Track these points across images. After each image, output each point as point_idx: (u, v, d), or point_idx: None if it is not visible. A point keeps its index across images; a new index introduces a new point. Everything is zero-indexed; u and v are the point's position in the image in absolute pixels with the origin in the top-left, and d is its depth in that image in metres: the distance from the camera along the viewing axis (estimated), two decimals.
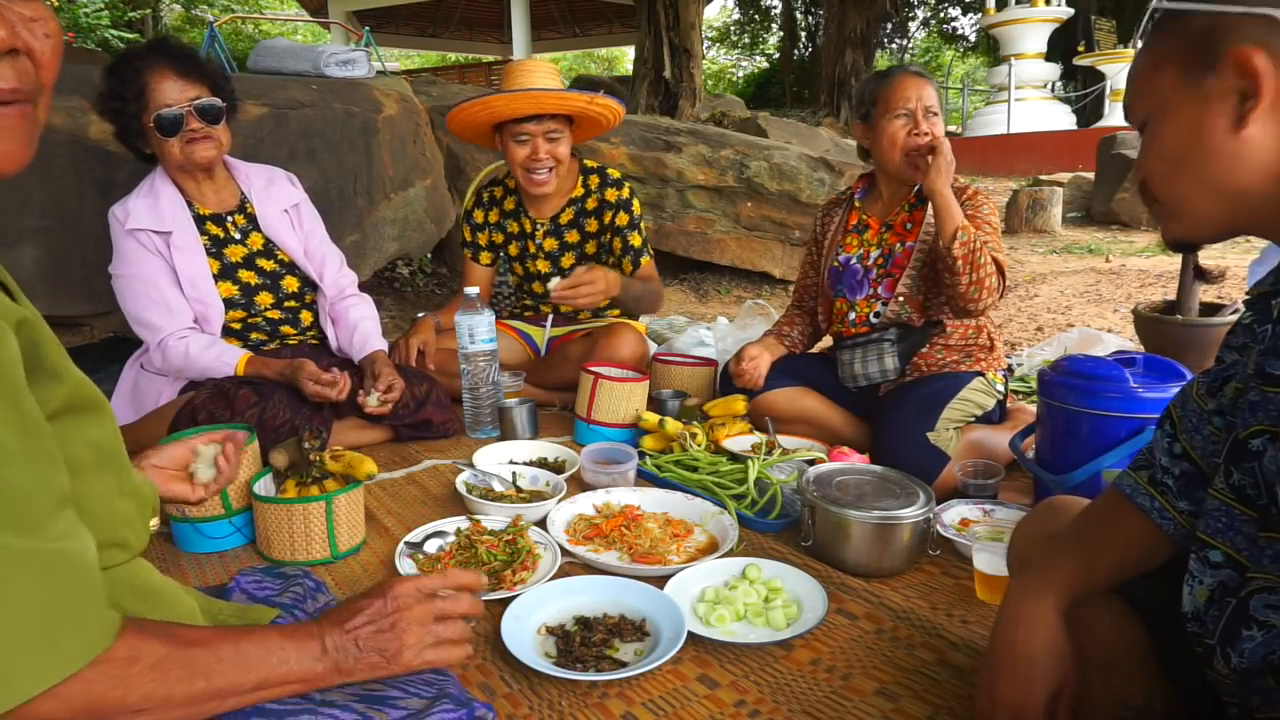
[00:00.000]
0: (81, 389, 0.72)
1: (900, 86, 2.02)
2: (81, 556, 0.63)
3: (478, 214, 2.73)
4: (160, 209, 2.08)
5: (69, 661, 0.60)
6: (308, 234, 2.32)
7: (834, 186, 4.71)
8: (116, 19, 11.54)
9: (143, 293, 2.06)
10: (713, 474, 1.95)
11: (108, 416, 0.76)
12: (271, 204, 2.25)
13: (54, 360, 0.68)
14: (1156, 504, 0.95)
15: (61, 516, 0.63)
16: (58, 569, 0.60)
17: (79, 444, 0.71)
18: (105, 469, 0.75)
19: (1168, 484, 0.95)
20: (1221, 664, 0.79)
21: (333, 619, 0.82)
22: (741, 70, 24.69)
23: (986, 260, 1.91)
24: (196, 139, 2.02)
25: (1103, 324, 3.98)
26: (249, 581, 1.10)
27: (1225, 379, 0.90)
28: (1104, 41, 12.91)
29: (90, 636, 0.62)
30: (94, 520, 0.67)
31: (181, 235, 2.09)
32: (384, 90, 3.60)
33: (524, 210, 2.66)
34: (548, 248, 2.64)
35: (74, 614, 0.61)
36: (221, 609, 0.95)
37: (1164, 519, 0.94)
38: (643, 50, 10.75)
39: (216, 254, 2.16)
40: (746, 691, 1.21)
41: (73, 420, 0.70)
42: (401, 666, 0.83)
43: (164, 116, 1.97)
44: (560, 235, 2.63)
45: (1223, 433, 0.89)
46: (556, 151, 2.44)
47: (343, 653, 0.80)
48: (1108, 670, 0.94)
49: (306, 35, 20.53)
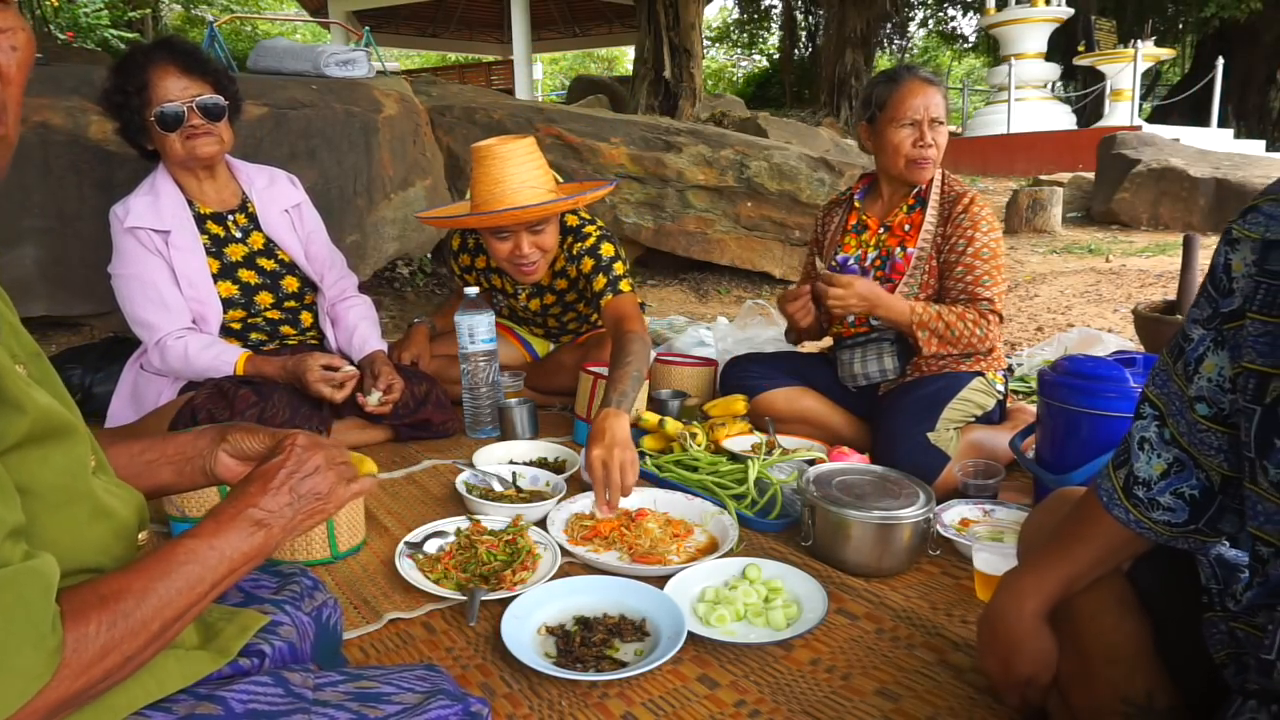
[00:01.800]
0: (49, 417, 0.69)
1: (909, 94, 2.00)
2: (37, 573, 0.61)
3: (464, 258, 2.58)
4: (160, 207, 2.08)
5: (36, 679, 0.59)
6: (309, 235, 2.32)
7: (834, 186, 4.70)
8: (116, 19, 11.53)
9: (141, 292, 2.06)
10: (713, 474, 1.95)
11: (80, 440, 0.74)
12: (272, 204, 2.25)
13: (13, 391, 0.65)
14: (1132, 516, 0.94)
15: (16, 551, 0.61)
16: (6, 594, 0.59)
17: (45, 473, 0.69)
18: (76, 499, 0.73)
19: (1139, 495, 0.93)
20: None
21: (251, 489, 0.81)
22: (741, 70, 24.69)
23: (953, 320, 1.95)
24: (197, 134, 2.03)
25: (1103, 324, 3.98)
26: (245, 579, 1.10)
27: (1199, 359, 0.85)
28: (1104, 41, 12.92)
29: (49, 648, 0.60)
30: (61, 550, 0.65)
31: (181, 234, 2.09)
32: (384, 90, 3.60)
33: (505, 274, 2.47)
34: (533, 308, 2.58)
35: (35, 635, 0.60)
36: (210, 611, 0.93)
37: (1140, 529, 0.93)
38: (643, 50, 10.75)
39: (216, 253, 2.15)
40: (746, 691, 1.21)
41: (36, 451, 0.68)
42: (336, 502, 0.85)
43: (165, 111, 1.98)
44: (542, 295, 2.53)
45: (1210, 420, 0.85)
46: (543, 243, 2.23)
47: (279, 512, 0.80)
48: (1110, 665, 0.94)
49: (306, 35, 20.54)
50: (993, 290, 1.98)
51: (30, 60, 0.69)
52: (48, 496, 0.69)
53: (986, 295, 1.97)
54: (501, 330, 2.68)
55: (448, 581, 1.49)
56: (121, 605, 0.67)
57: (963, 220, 2.02)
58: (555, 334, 2.75)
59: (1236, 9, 12.81)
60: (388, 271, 4.59)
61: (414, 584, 1.49)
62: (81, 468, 0.75)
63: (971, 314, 1.96)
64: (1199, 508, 0.89)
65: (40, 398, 0.69)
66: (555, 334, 2.75)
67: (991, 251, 2.00)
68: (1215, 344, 0.84)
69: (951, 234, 2.03)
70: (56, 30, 9.60)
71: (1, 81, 0.66)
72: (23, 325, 0.77)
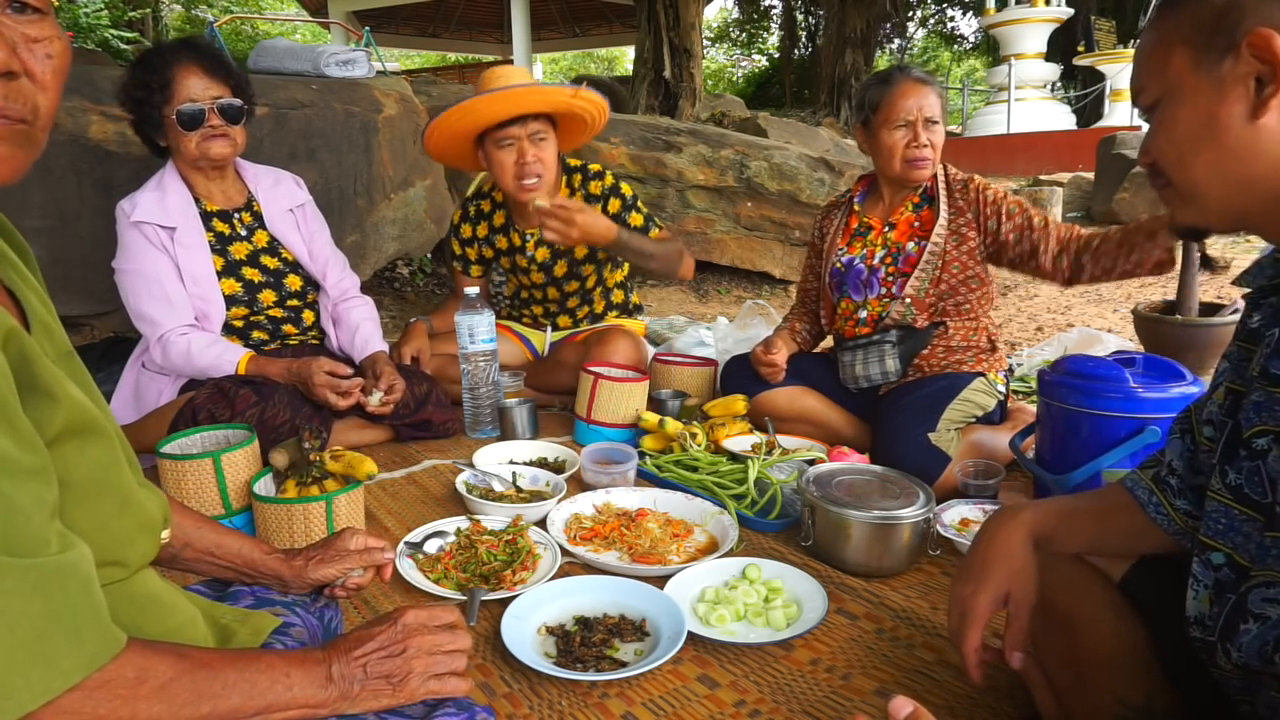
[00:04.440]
0: (83, 411, 0.71)
1: (901, 96, 1.98)
2: (77, 569, 0.62)
3: (465, 228, 2.67)
4: (167, 204, 2.09)
5: (65, 677, 0.59)
6: (311, 235, 2.32)
7: (834, 186, 4.71)
8: (116, 19, 11.54)
9: (145, 287, 2.07)
10: (713, 474, 1.95)
11: (109, 436, 0.75)
12: (277, 203, 2.27)
13: (46, 379, 0.66)
14: (1154, 498, 0.96)
15: (53, 529, 0.62)
16: (53, 584, 0.60)
17: (81, 465, 0.70)
18: (107, 491, 0.74)
19: (1170, 483, 0.95)
20: (1224, 659, 0.79)
21: (341, 647, 0.82)
22: (741, 70, 24.68)
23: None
24: (214, 136, 2.05)
25: (1103, 324, 3.98)
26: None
27: (1215, 386, 0.90)
28: (1104, 41, 12.90)
29: (88, 651, 0.61)
30: (88, 541, 0.66)
31: (187, 231, 2.10)
32: (384, 90, 3.60)
33: (512, 224, 2.58)
34: (540, 258, 2.57)
35: (70, 629, 0.60)
36: (224, 613, 0.94)
37: (1159, 513, 0.96)
38: (643, 50, 10.74)
39: (221, 250, 2.16)
40: (746, 691, 1.21)
41: (73, 442, 0.70)
42: (406, 694, 0.83)
43: (186, 111, 2.00)
44: (552, 244, 2.54)
45: (1212, 442, 0.89)
46: (543, 155, 2.33)
47: (349, 680, 0.79)
48: (1109, 670, 0.94)
49: (306, 35, 20.53)
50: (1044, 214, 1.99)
51: (66, 68, 0.70)
52: (80, 488, 0.70)
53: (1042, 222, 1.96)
54: (501, 329, 2.68)
55: (448, 581, 1.49)
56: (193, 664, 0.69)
57: (982, 196, 2.02)
58: (556, 311, 2.72)
59: None
60: (388, 271, 4.59)
61: (414, 584, 1.49)
62: (114, 461, 0.76)
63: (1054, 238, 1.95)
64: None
65: (73, 391, 0.70)
66: (556, 311, 2.72)
67: (1018, 204, 2.00)
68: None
69: (979, 213, 2.02)
70: None
71: (37, 88, 0.68)
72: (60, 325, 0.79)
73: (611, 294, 2.74)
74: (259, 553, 1.07)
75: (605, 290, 2.70)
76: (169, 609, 0.84)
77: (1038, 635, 1.08)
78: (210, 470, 1.68)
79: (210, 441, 1.85)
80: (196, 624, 0.87)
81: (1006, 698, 1.18)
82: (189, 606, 0.88)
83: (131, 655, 0.65)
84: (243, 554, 1.06)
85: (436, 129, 2.33)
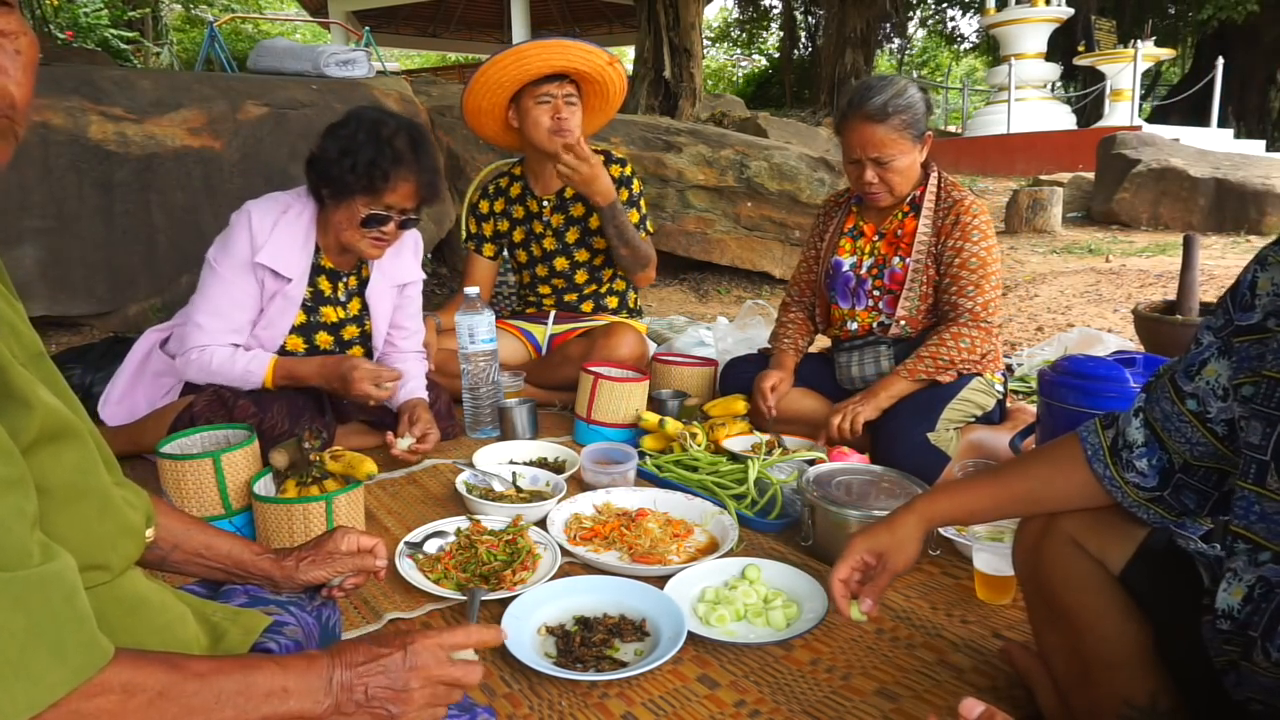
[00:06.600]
0: (57, 415, 0.69)
1: (849, 132, 2.01)
2: (60, 580, 0.61)
3: (483, 204, 2.75)
4: (292, 255, 2.01)
5: (49, 691, 0.58)
6: (404, 304, 2.26)
7: (834, 186, 4.71)
8: (116, 18, 11.53)
9: (219, 297, 1.99)
10: (713, 474, 1.95)
11: (84, 438, 0.74)
12: (386, 277, 2.19)
13: (19, 385, 0.65)
14: (1109, 473, 0.99)
15: (35, 540, 0.61)
16: (34, 597, 0.58)
17: (58, 471, 0.69)
18: (86, 495, 0.73)
19: (1123, 456, 0.98)
20: (1261, 657, 0.79)
21: (346, 656, 0.79)
22: (741, 70, 24.69)
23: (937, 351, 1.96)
24: (383, 242, 2.01)
25: (1103, 324, 3.98)
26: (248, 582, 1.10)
27: (1202, 362, 0.90)
28: (1104, 41, 12.93)
29: (72, 664, 0.60)
30: (71, 546, 0.65)
31: (294, 288, 2.04)
32: (384, 90, 3.60)
33: (530, 192, 2.68)
34: (555, 224, 2.65)
35: (53, 642, 0.59)
36: (215, 611, 0.93)
37: (1112, 486, 0.99)
38: (643, 50, 10.73)
39: (311, 308, 2.10)
40: (746, 691, 1.21)
41: (50, 448, 0.68)
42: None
43: (377, 215, 1.94)
44: (566, 210, 2.65)
45: (1194, 416, 0.90)
46: (574, 120, 2.46)
47: (346, 694, 0.77)
48: (1113, 669, 0.94)
49: (306, 35, 20.53)
50: (977, 300, 1.98)
51: (34, 62, 0.70)
52: (59, 494, 0.69)
53: (969, 306, 1.98)
54: (502, 326, 2.69)
55: (448, 581, 1.49)
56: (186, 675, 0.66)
57: (954, 231, 2.02)
58: (564, 288, 2.72)
59: (1234, 11, 12.82)
60: None
61: (414, 584, 1.49)
62: (91, 464, 0.75)
63: (950, 332, 1.97)
64: (1165, 477, 0.96)
65: (46, 396, 0.69)
66: (564, 288, 2.72)
67: (980, 261, 1.99)
68: (1220, 352, 0.88)
69: (944, 246, 2.04)
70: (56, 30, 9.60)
71: (9, 80, 0.68)
72: (30, 326, 0.76)
73: (614, 283, 2.76)
74: (249, 553, 1.06)
75: (614, 274, 2.73)
76: (157, 608, 0.82)
77: (1041, 631, 1.08)
78: (210, 470, 1.67)
79: (210, 441, 1.85)
80: (186, 622, 0.86)
81: (1006, 698, 1.18)
82: (178, 604, 0.87)
83: (119, 667, 0.62)
84: (232, 555, 1.04)
85: (484, 76, 2.41)
